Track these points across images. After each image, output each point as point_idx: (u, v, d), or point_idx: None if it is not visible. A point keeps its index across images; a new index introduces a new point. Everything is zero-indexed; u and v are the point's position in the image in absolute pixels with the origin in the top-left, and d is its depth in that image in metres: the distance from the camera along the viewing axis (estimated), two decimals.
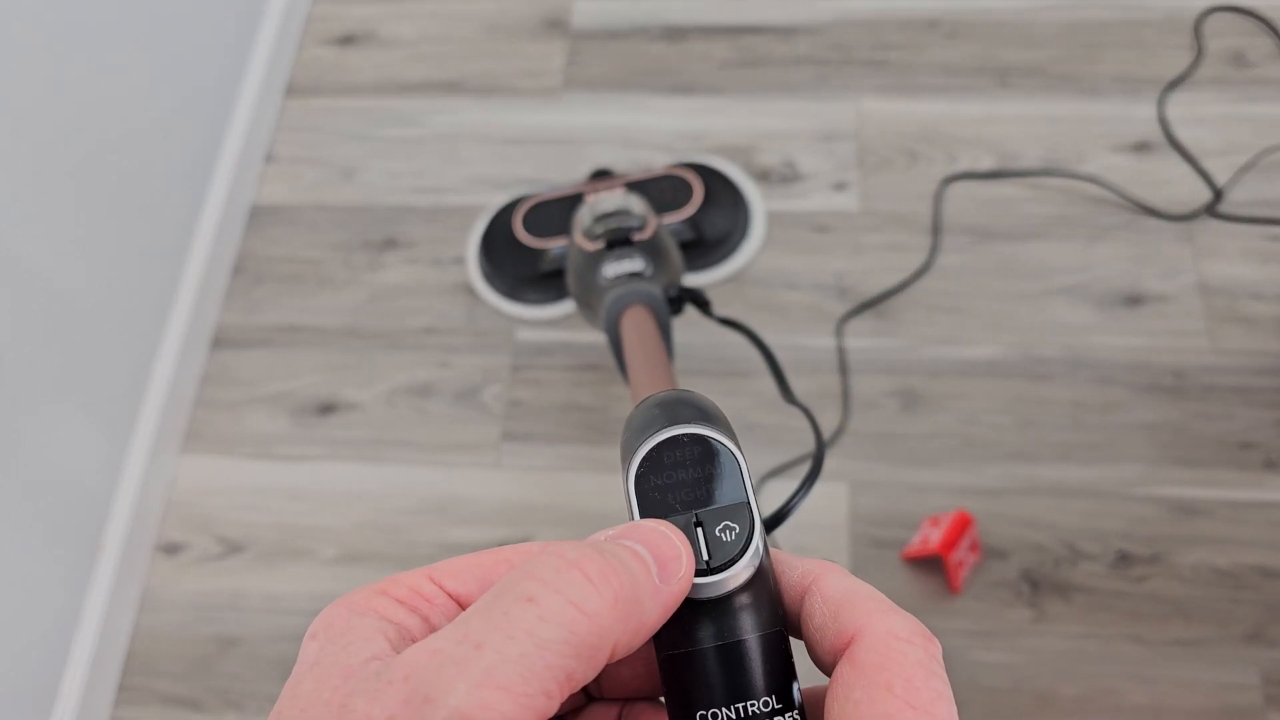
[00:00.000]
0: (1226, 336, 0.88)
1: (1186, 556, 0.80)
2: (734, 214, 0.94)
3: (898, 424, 0.86)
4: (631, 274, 0.62)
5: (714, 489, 0.20)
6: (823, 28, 1.08)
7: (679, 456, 0.20)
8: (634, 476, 0.20)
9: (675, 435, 0.20)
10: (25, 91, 0.74)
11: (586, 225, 0.72)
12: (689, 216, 0.92)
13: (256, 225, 1.02)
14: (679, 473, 0.20)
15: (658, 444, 0.20)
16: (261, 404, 0.93)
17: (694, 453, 0.20)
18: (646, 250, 0.65)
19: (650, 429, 0.20)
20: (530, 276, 0.92)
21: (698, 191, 0.92)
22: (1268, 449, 0.83)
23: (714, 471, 0.20)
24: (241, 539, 0.87)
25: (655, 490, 0.20)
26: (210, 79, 0.99)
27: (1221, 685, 0.75)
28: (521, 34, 1.11)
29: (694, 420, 0.21)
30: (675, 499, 0.20)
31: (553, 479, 0.87)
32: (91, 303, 0.81)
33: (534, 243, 0.92)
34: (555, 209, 0.93)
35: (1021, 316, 0.90)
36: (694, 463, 0.20)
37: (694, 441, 0.20)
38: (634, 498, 0.20)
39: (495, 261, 0.94)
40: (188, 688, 0.82)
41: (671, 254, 0.69)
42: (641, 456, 0.20)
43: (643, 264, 0.63)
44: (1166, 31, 1.04)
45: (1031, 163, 0.97)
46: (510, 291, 0.93)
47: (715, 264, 0.93)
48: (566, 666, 0.16)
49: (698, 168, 0.96)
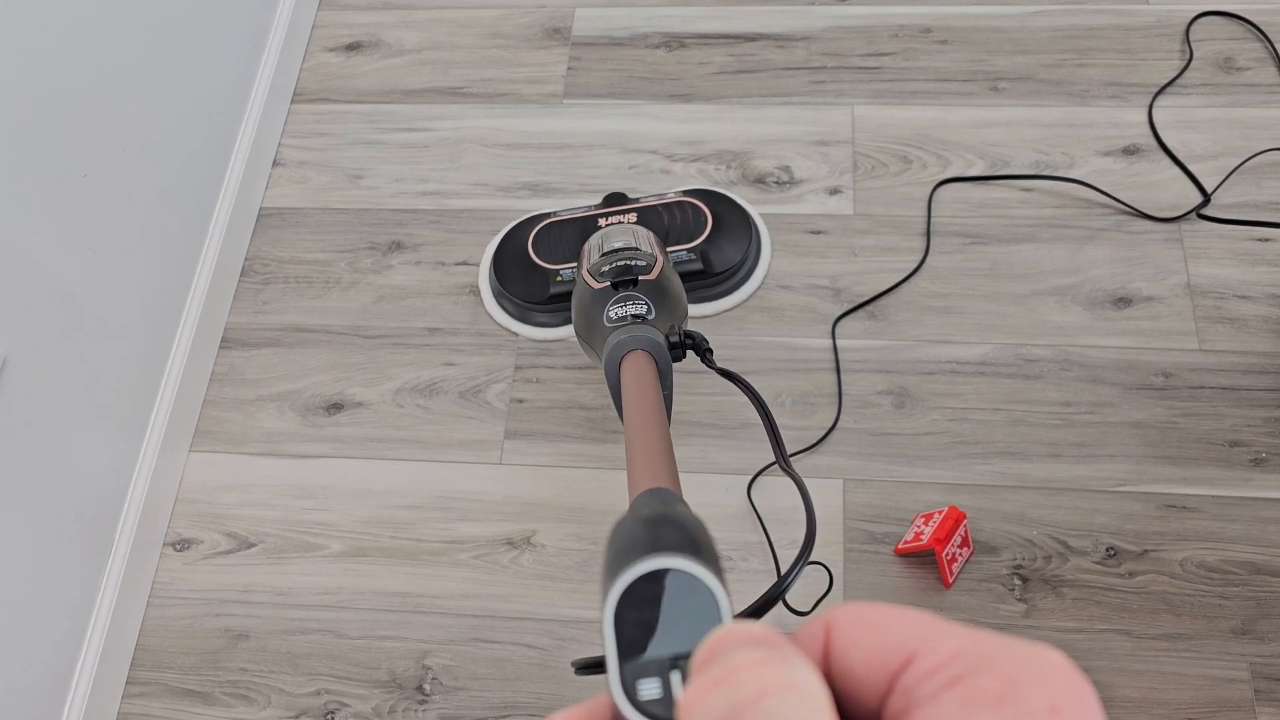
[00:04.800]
0: (1214, 337, 0.89)
1: (1175, 553, 0.81)
2: (744, 245, 0.93)
3: (891, 422, 0.88)
4: (635, 316, 0.63)
5: (693, 629, 0.19)
6: (818, 35, 1.10)
7: (660, 592, 0.20)
8: (612, 611, 0.20)
9: (656, 569, 0.20)
10: (38, 98, 0.76)
11: (594, 261, 0.71)
12: (698, 244, 0.92)
13: (264, 228, 1.05)
14: (658, 610, 0.20)
15: (638, 578, 0.20)
16: (270, 403, 0.95)
17: (675, 588, 0.20)
18: (651, 292, 0.64)
19: (633, 553, 0.20)
20: (540, 299, 0.92)
21: (708, 220, 0.93)
22: (1255, 447, 0.84)
23: (694, 610, 0.20)
24: (250, 535, 0.89)
25: (633, 627, 0.19)
26: (219, 86, 1.01)
27: (1210, 679, 0.77)
28: (524, 42, 1.13)
29: (678, 548, 0.20)
30: (653, 640, 0.19)
31: (555, 476, 0.89)
32: (104, 304, 0.83)
33: (544, 265, 0.93)
34: (567, 231, 0.94)
35: (1012, 317, 0.92)
36: (674, 599, 0.20)
37: (675, 577, 0.20)
38: (612, 633, 0.19)
39: (506, 282, 0.94)
40: (197, 681, 0.84)
41: (676, 296, 0.68)
42: (621, 590, 0.20)
43: (646, 307, 0.63)
44: (1156, 37, 1.05)
45: (1022, 167, 0.99)
46: (519, 314, 0.94)
47: (724, 295, 0.93)
48: None
49: (709, 194, 0.96)
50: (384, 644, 0.83)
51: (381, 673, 0.82)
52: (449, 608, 0.84)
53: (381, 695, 0.81)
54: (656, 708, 0.18)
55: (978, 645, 0.16)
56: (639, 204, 0.95)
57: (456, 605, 0.84)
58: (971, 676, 0.15)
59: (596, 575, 0.84)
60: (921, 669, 0.16)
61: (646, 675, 0.19)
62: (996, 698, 0.15)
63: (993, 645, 0.16)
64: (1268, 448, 0.84)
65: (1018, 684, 0.15)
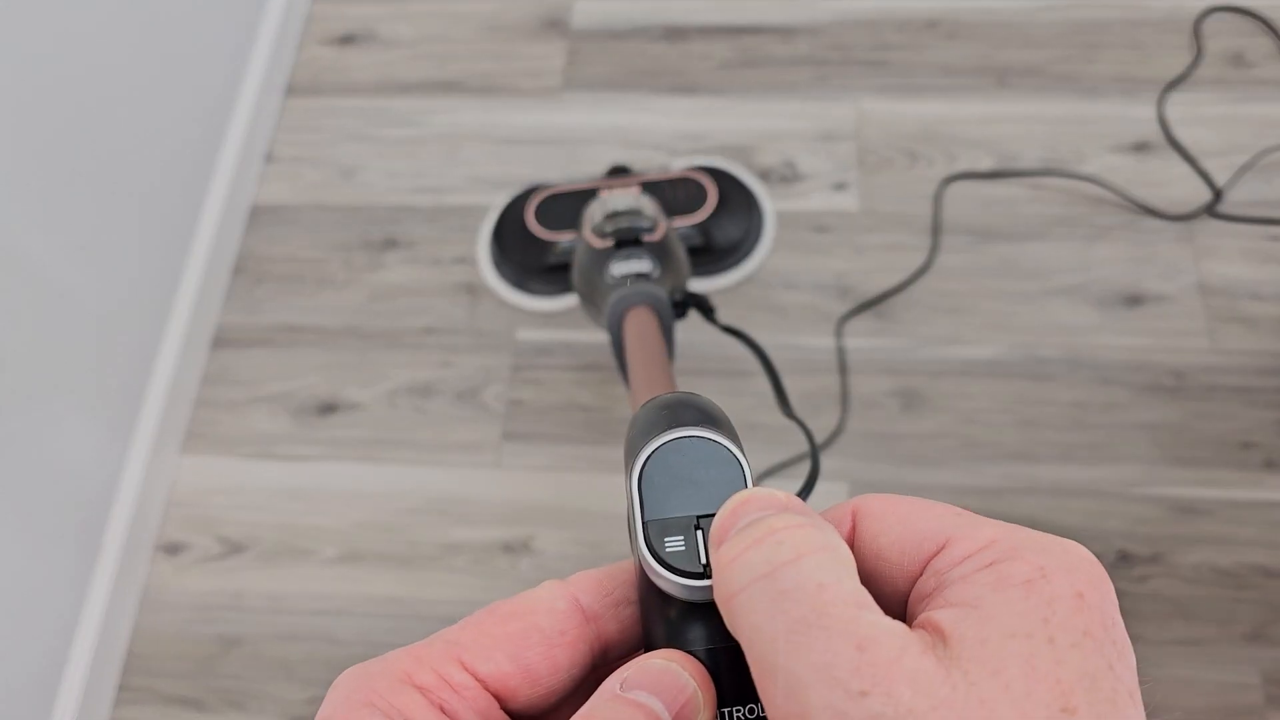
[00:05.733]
0: (1226, 336, 0.88)
1: (1187, 556, 0.80)
2: (746, 222, 0.93)
3: (898, 424, 0.87)
4: (638, 275, 0.63)
5: (716, 492, 0.20)
6: (823, 28, 1.08)
7: (683, 459, 0.20)
8: (638, 476, 0.20)
9: (679, 438, 0.21)
10: (26, 94, 0.74)
11: (597, 222, 0.72)
12: (701, 221, 0.92)
13: (257, 225, 1.02)
14: (682, 475, 0.20)
15: (662, 444, 0.21)
16: (262, 404, 0.93)
17: (698, 455, 0.21)
18: (655, 252, 0.65)
19: (655, 429, 0.21)
20: (538, 267, 0.92)
21: (712, 196, 0.92)
22: (1268, 449, 0.83)
23: (717, 475, 0.20)
24: (242, 539, 0.87)
25: (657, 489, 0.20)
26: (210, 78, 0.99)
27: (1222, 684, 0.76)
28: (521, 34, 1.11)
29: (699, 423, 0.21)
30: (677, 502, 0.20)
31: (553, 479, 0.87)
32: (92, 302, 0.81)
33: (545, 234, 0.92)
34: (569, 202, 0.93)
35: (1022, 316, 0.90)
36: (697, 465, 0.20)
37: (698, 444, 0.21)
38: (637, 498, 0.20)
39: (505, 250, 0.94)
40: (189, 688, 0.82)
41: (679, 258, 0.69)
42: (646, 456, 0.20)
43: (650, 265, 0.63)
44: (1166, 32, 1.04)
45: (1031, 163, 0.98)
46: (518, 281, 0.93)
47: (723, 270, 0.93)
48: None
49: (714, 172, 0.96)
50: (379, 650, 0.81)
51: None
52: (445, 614, 0.83)
53: None
54: (680, 560, 0.19)
55: (1011, 535, 0.17)
56: (643, 177, 0.95)
57: (453, 611, 0.83)
58: (1004, 562, 0.16)
59: None
60: (956, 554, 0.17)
61: (671, 533, 0.20)
62: (1026, 582, 0.16)
63: (1024, 536, 0.17)
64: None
65: (1046, 571, 0.16)
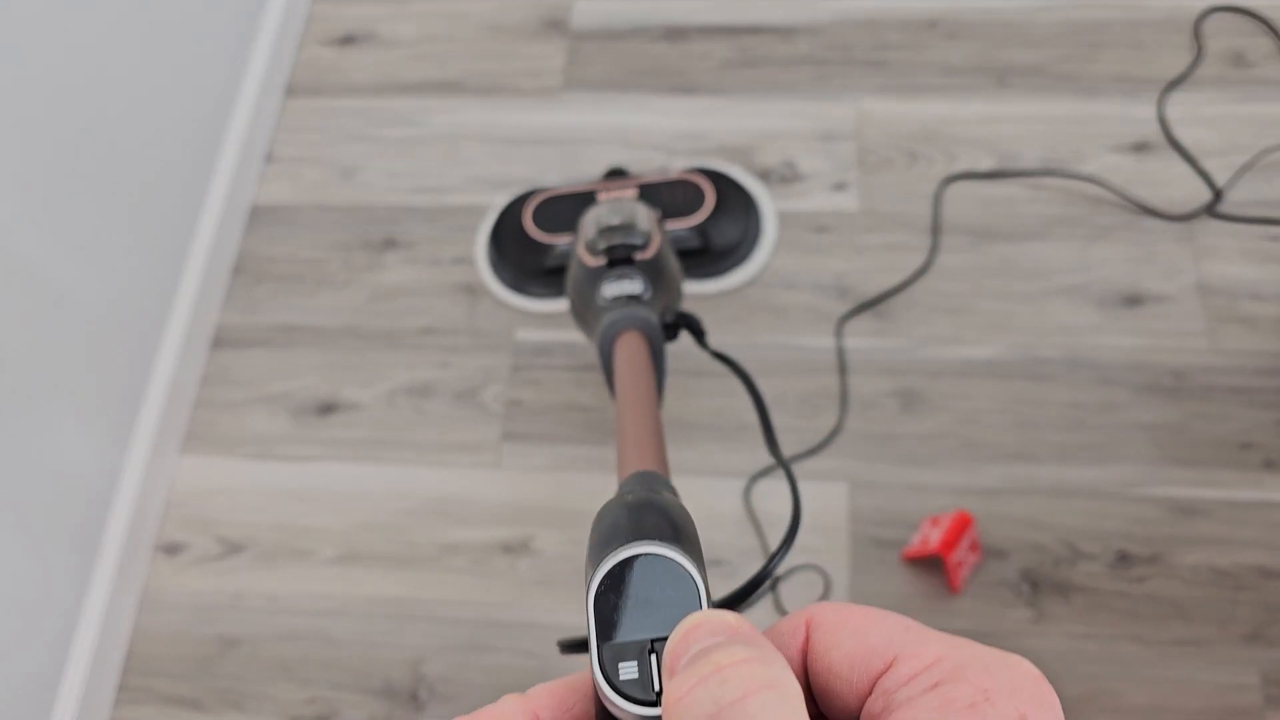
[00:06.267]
0: (1226, 337, 0.88)
1: (1186, 557, 0.80)
2: (744, 223, 0.93)
3: (897, 424, 0.86)
4: (630, 296, 0.62)
5: (671, 614, 0.20)
6: (823, 28, 1.08)
7: (639, 577, 0.20)
8: (594, 596, 0.20)
9: (636, 555, 0.21)
10: (26, 95, 0.74)
11: (590, 237, 0.70)
12: (699, 224, 0.91)
13: (256, 225, 1.03)
14: (638, 594, 0.20)
15: (618, 562, 0.21)
16: (261, 404, 0.93)
17: (654, 573, 0.20)
18: (647, 271, 0.65)
19: (615, 540, 0.21)
20: (536, 270, 0.92)
21: (710, 198, 0.92)
22: (1267, 449, 0.83)
23: (672, 594, 0.20)
24: (242, 539, 0.87)
25: (613, 610, 0.20)
26: (210, 79, 0.99)
27: (1221, 685, 0.75)
28: (521, 34, 1.11)
29: (660, 535, 0.21)
30: (632, 624, 0.20)
31: (552, 479, 0.87)
32: (91, 303, 0.81)
33: (542, 237, 0.92)
34: (566, 205, 0.93)
35: (1021, 317, 0.90)
36: (653, 584, 0.20)
37: (654, 562, 0.21)
38: (593, 618, 0.20)
39: (503, 252, 0.94)
40: (188, 688, 0.82)
41: (671, 275, 0.68)
42: (602, 575, 0.21)
43: (641, 286, 0.63)
44: (1166, 31, 1.04)
45: (1031, 162, 0.97)
46: (515, 284, 0.93)
47: (721, 274, 0.93)
48: None
49: (712, 174, 0.95)
50: (378, 651, 0.82)
51: (375, 680, 0.81)
52: (444, 614, 0.83)
53: (375, 703, 0.80)
54: (634, 689, 0.19)
55: (955, 652, 0.17)
56: (640, 180, 0.94)
57: (452, 611, 0.83)
58: (948, 684, 0.17)
59: None
60: (902, 673, 0.17)
61: (625, 658, 0.19)
62: (970, 706, 0.16)
63: (969, 654, 0.17)
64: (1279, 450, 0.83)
65: (990, 694, 0.16)
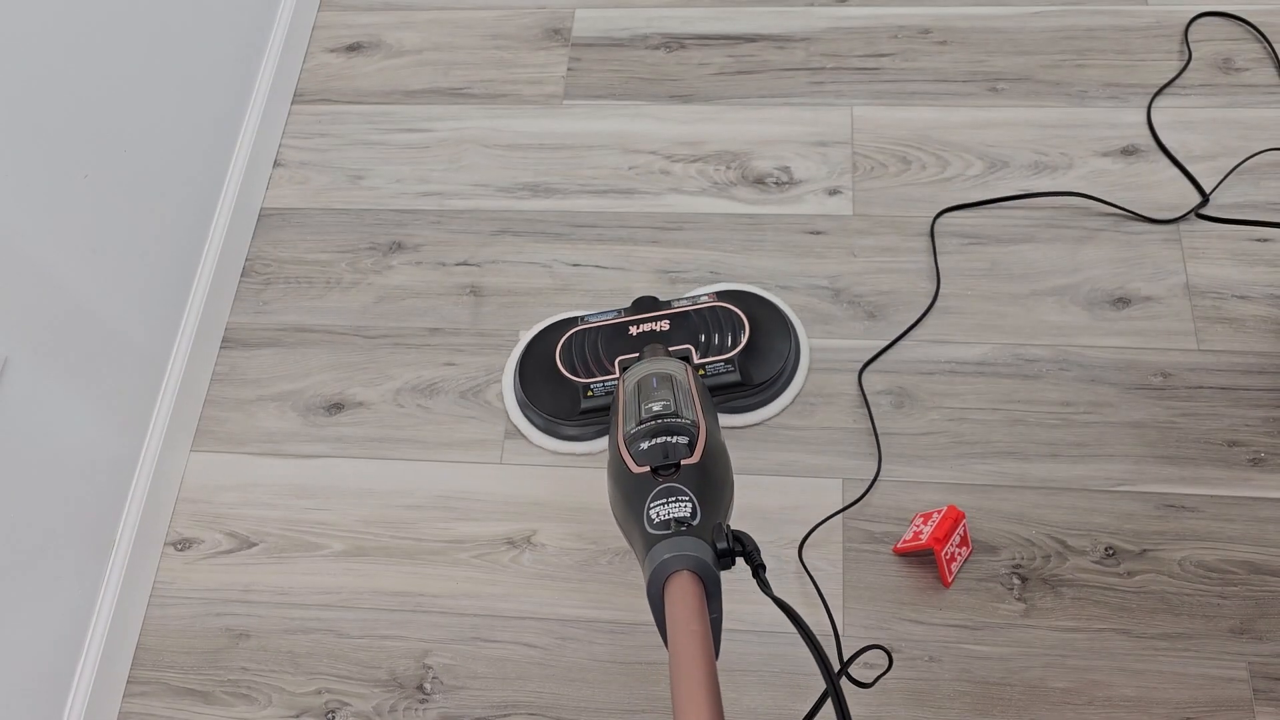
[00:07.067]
0: (1213, 337, 0.89)
1: (1174, 552, 0.81)
2: (783, 353, 0.89)
3: (890, 422, 0.88)
4: (678, 520, 0.58)
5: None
6: (817, 36, 1.10)
7: None
8: None
9: None
10: (40, 101, 0.76)
11: (630, 430, 0.62)
12: (734, 354, 0.87)
13: (265, 228, 1.05)
14: None
15: None
16: (271, 402, 0.95)
17: None
18: (695, 481, 0.58)
19: None
20: (570, 414, 0.88)
21: (745, 328, 0.88)
22: (1254, 447, 0.85)
23: None
24: (251, 534, 0.89)
25: None
26: (220, 86, 1.01)
27: (1209, 679, 0.77)
28: (524, 43, 1.13)
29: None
30: None
31: (555, 475, 0.89)
32: (105, 304, 0.83)
33: (574, 378, 0.88)
34: (596, 339, 0.89)
35: (1011, 317, 0.92)
36: None
37: None
38: None
39: (533, 393, 0.89)
40: (198, 680, 0.84)
41: (722, 479, 0.61)
42: None
43: (691, 507, 0.58)
44: (1155, 37, 1.06)
45: (1021, 168, 0.99)
46: (548, 427, 0.89)
47: (758, 407, 0.88)
48: None
49: (744, 296, 0.92)
50: (385, 643, 0.84)
51: (382, 672, 0.82)
52: (450, 607, 0.84)
53: (382, 694, 0.82)
54: None
55: None
56: (671, 309, 0.90)
57: (457, 605, 0.84)
58: None
59: (596, 575, 0.84)
60: None
61: None
62: None
63: None
64: (1266, 447, 0.84)
65: None
